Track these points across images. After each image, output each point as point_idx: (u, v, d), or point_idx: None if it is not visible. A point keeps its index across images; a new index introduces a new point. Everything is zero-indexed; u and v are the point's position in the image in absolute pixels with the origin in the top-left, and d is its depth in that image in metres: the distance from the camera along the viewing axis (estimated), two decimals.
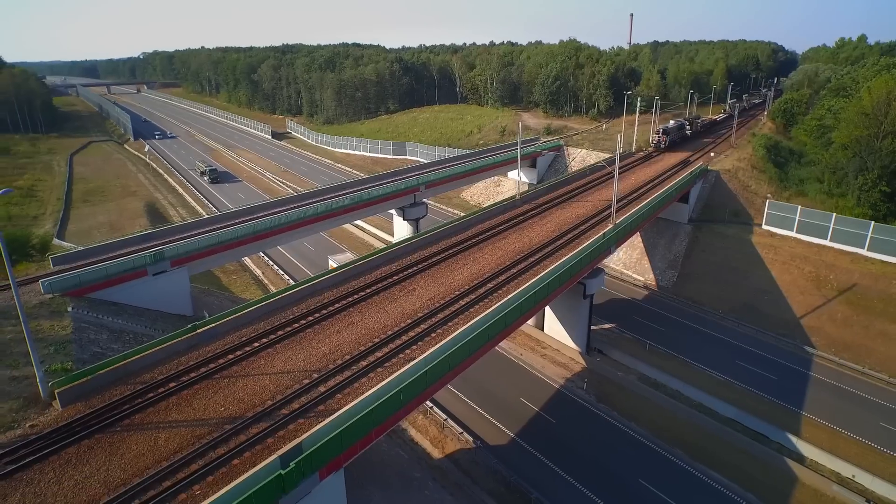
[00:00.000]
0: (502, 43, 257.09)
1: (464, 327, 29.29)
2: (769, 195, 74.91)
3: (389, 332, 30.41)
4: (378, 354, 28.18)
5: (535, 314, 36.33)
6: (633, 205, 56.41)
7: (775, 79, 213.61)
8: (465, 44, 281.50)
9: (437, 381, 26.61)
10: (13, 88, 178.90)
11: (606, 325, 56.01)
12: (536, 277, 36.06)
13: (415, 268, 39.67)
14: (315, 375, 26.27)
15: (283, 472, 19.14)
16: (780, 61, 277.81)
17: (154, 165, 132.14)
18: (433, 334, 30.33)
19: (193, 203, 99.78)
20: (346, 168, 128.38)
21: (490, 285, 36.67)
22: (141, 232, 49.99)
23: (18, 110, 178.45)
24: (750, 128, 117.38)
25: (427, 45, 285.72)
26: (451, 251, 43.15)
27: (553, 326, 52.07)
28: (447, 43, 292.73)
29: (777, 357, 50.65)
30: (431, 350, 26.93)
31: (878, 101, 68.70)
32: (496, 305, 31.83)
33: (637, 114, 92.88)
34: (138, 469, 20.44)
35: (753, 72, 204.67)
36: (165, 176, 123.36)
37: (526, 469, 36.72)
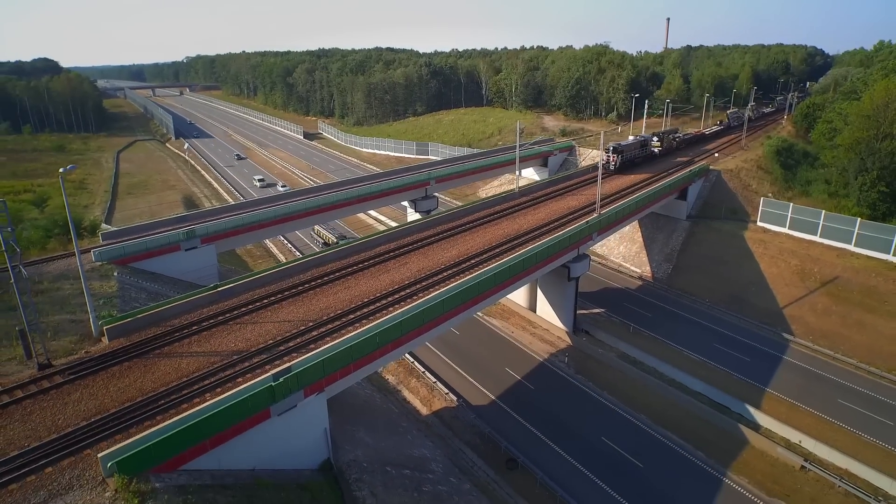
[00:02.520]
0: (532, 47, 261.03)
1: (438, 291, 34.30)
2: (770, 194, 77.41)
3: (378, 294, 35.67)
4: (365, 310, 33.48)
5: (510, 286, 40.79)
6: (620, 200, 60.21)
7: (806, 83, 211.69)
8: (496, 48, 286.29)
9: (411, 332, 31.70)
10: (69, 91, 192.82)
11: (597, 310, 60.03)
12: (512, 255, 40.78)
13: (409, 246, 44.88)
14: (310, 324, 31.74)
15: (273, 384, 24.50)
16: (818, 65, 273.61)
17: (192, 163, 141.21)
18: (415, 297, 35.38)
19: (227, 196, 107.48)
20: (372, 167, 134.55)
21: (473, 261, 41.55)
22: (176, 215, 56.63)
23: (73, 111, 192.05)
24: (767, 131, 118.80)
25: (460, 49, 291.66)
26: (445, 234, 48.22)
27: (544, 308, 56.45)
28: (479, 47, 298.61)
29: (755, 342, 53.77)
30: (408, 307, 32.06)
31: (878, 104, 70.73)
32: (470, 276, 36.72)
33: (644, 118, 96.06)
34: (164, 381, 26.18)
35: (783, 76, 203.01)
36: (202, 172, 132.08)
37: (501, 425, 41.40)
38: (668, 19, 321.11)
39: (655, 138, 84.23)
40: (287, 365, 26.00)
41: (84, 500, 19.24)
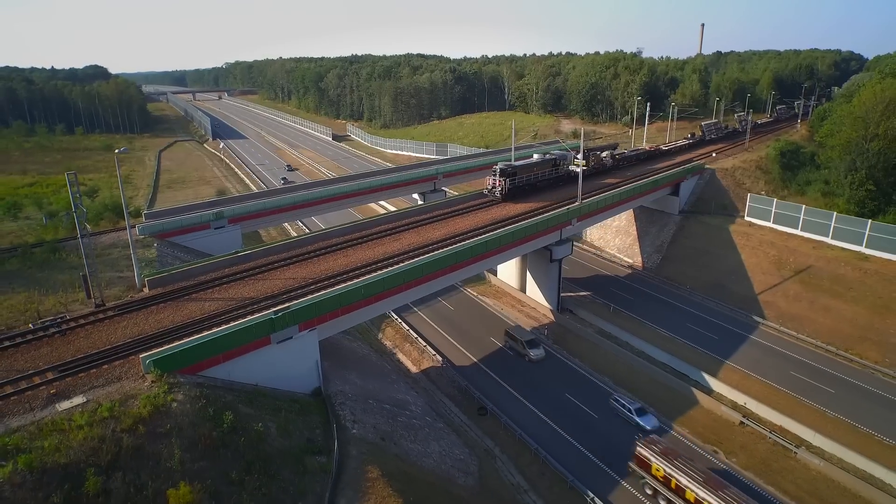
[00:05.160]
0: (559, 54, 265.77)
1: (419, 258, 40.63)
2: (763, 192, 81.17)
3: (371, 261, 42.21)
4: (357, 272, 40.01)
5: (487, 259, 46.70)
6: (600, 192, 65.42)
7: (832, 88, 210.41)
8: (524, 54, 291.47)
9: (392, 289, 38.14)
10: (117, 96, 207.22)
11: (583, 293, 65.32)
12: (490, 233, 46.81)
13: (405, 226, 51.31)
14: (310, 280, 38.45)
15: (273, 317, 31.16)
16: (852, 70, 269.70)
17: (227, 161, 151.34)
18: (401, 263, 41.68)
19: (255, 190, 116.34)
20: (393, 166, 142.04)
21: (458, 238, 47.66)
22: (208, 199, 64.49)
23: (120, 114, 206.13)
24: (778, 134, 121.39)
25: (490, 55, 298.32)
26: (439, 217, 54.51)
27: (532, 289, 62.13)
28: (507, 53, 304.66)
29: (726, 324, 58.25)
30: (391, 269, 38.49)
31: (868, 106, 74.12)
32: (449, 248, 42.94)
33: (646, 122, 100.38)
34: (190, 316, 33.25)
35: (807, 81, 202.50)
36: (235, 169, 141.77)
37: (478, 381, 47.38)
38: (703, 25, 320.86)
39: (580, 156, 67.92)
40: (286, 305, 32.67)
41: (130, 386, 26.16)
